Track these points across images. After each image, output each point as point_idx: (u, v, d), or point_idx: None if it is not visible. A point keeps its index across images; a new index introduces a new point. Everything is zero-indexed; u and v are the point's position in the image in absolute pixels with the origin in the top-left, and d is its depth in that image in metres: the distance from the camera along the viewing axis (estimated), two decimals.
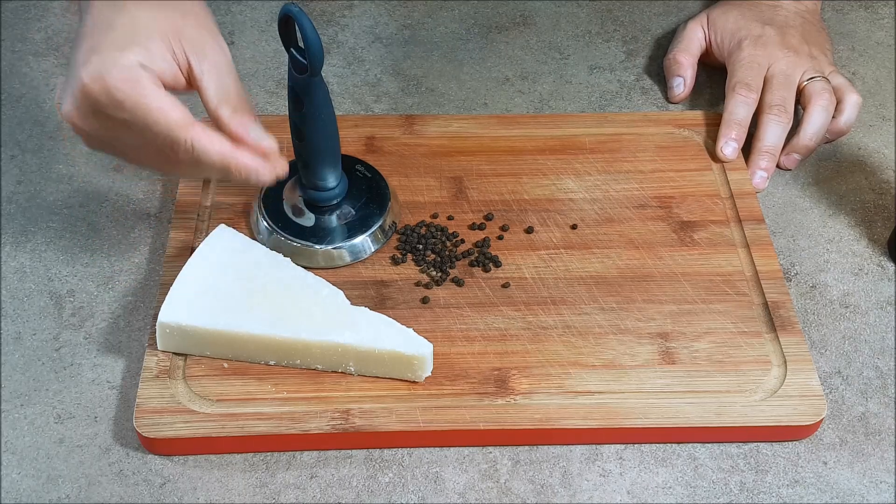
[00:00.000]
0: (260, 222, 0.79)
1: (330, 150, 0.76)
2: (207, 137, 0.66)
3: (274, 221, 0.78)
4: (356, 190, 0.80)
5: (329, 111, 0.73)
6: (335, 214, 0.79)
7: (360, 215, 0.79)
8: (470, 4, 1.05)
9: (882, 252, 0.82)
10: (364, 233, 0.78)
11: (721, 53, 0.93)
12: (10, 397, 0.72)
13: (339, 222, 0.78)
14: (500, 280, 0.77)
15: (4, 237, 0.82)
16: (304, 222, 0.78)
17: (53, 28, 1.01)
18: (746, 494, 0.67)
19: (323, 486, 0.67)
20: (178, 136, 0.65)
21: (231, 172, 0.67)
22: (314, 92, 0.71)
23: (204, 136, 0.66)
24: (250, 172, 0.68)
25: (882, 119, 0.93)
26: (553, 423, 0.68)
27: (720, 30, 0.94)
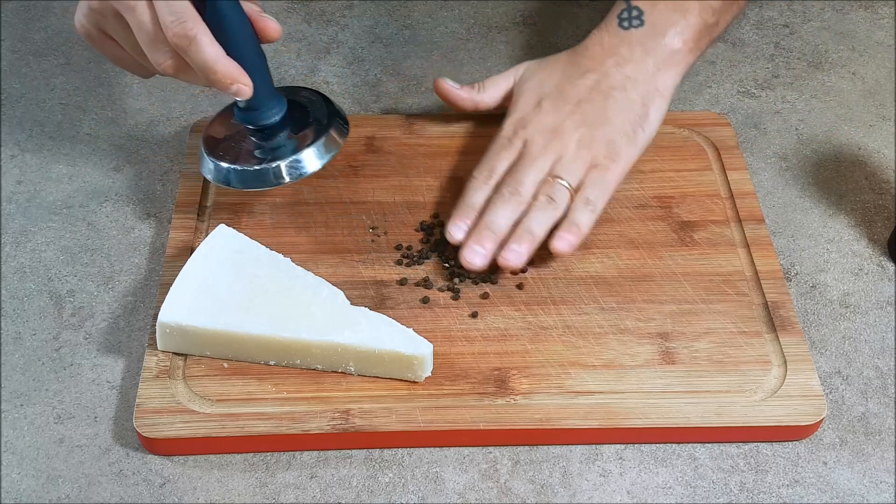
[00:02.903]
0: (205, 159, 0.78)
1: (255, 62, 0.73)
2: (209, 36, 0.68)
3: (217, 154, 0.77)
4: (299, 113, 0.78)
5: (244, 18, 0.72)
6: (277, 136, 0.77)
7: (305, 133, 0.77)
8: (470, 4, 1.05)
9: (882, 252, 0.82)
10: (309, 146, 0.76)
11: None
12: (10, 397, 0.72)
13: (281, 140, 0.77)
14: (501, 280, 0.77)
15: (4, 237, 0.82)
16: (248, 147, 0.77)
17: (54, 28, 1.02)
18: (746, 494, 0.67)
19: (323, 486, 0.67)
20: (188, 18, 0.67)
21: (217, 75, 0.69)
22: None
23: (207, 32, 0.68)
24: (235, 79, 0.70)
25: (882, 119, 0.93)
26: (553, 423, 0.69)
27: (517, 91, 0.85)
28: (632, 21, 0.83)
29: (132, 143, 0.90)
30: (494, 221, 0.76)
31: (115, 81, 0.96)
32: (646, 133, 0.81)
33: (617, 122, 0.80)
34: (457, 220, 0.77)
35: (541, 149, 0.79)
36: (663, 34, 0.82)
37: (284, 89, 0.79)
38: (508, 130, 0.81)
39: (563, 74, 0.83)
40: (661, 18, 0.82)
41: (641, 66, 0.82)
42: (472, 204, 0.78)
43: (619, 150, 0.79)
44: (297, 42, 1.01)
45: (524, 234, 0.75)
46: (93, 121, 0.92)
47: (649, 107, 0.81)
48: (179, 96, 0.94)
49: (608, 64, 0.82)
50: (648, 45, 0.82)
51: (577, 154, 0.78)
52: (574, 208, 0.77)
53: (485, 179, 0.79)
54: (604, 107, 0.80)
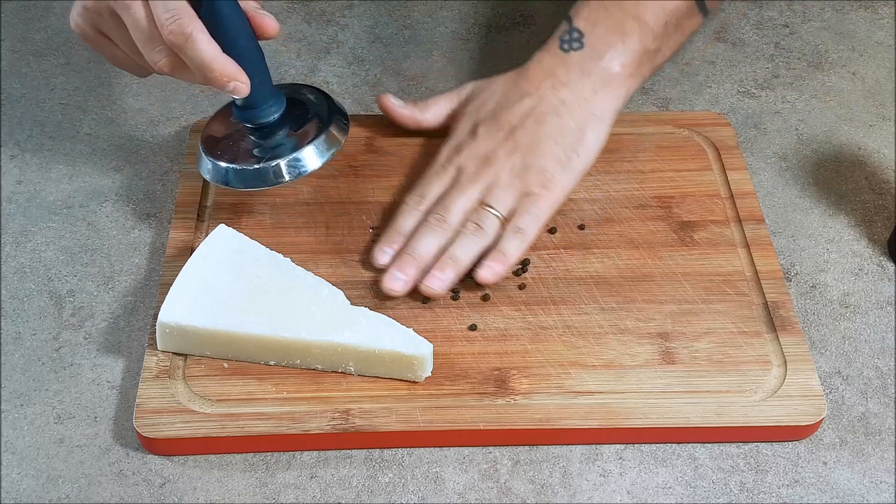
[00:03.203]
0: (204, 159, 0.77)
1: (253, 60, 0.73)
2: (206, 34, 0.68)
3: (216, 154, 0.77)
4: (299, 111, 0.78)
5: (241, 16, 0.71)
6: (277, 134, 0.77)
7: (304, 130, 0.77)
8: (470, 4, 1.05)
9: (882, 252, 0.82)
10: (308, 144, 0.76)
11: None
12: (10, 397, 0.72)
13: (280, 138, 0.76)
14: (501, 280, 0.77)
15: (4, 237, 0.82)
16: (247, 146, 0.77)
17: (54, 28, 1.02)
18: (746, 494, 0.67)
19: (323, 486, 0.67)
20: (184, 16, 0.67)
21: (213, 73, 0.69)
22: None
23: (203, 30, 0.68)
24: (232, 76, 0.70)
25: (882, 119, 0.93)
26: (553, 423, 0.69)
27: (458, 113, 0.84)
28: (572, 43, 0.82)
29: (132, 143, 0.90)
30: (418, 248, 0.75)
31: (115, 81, 0.96)
32: (581, 159, 0.80)
33: (550, 149, 0.79)
34: (383, 245, 0.77)
35: (472, 176, 0.78)
36: (601, 57, 0.81)
37: (284, 86, 0.78)
38: (443, 157, 0.81)
39: (501, 98, 0.82)
40: (600, 41, 0.81)
41: (578, 89, 0.81)
42: (400, 229, 0.77)
43: (553, 177, 0.78)
44: (297, 42, 1.01)
45: (448, 261, 0.74)
46: (93, 121, 0.92)
47: (585, 132, 0.80)
48: (179, 96, 0.94)
49: (545, 87, 0.81)
50: (586, 67, 0.81)
51: (508, 182, 0.78)
52: (503, 236, 0.76)
53: (415, 205, 0.78)
54: (537, 133, 0.79)
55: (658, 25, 0.82)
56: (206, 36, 0.68)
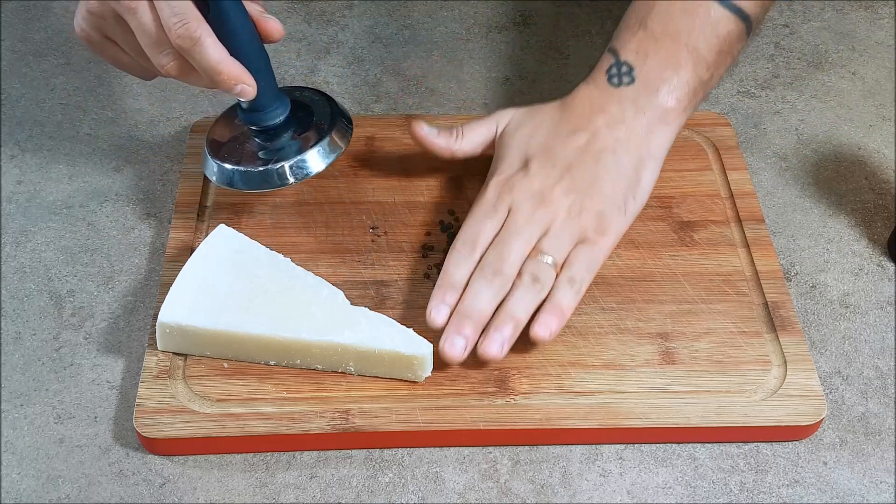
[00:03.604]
0: (209, 161, 0.78)
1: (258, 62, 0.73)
2: (213, 37, 0.68)
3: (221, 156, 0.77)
4: (303, 113, 0.78)
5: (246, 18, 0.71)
6: (281, 136, 0.77)
7: (309, 133, 0.77)
8: (470, 4, 1.05)
9: (882, 252, 0.82)
10: (313, 147, 0.76)
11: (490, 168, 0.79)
12: (10, 397, 0.72)
13: (285, 141, 0.77)
14: None
15: (4, 237, 0.82)
16: (252, 148, 0.77)
17: (54, 28, 1.02)
18: (746, 494, 0.67)
19: (323, 486, 0.67)
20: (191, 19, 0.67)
21: (221, 75, 0.69)
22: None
23: (210, 33, 0.68)
24: (239, 79, 0.69)
25: (882, 119, 0.93)
26: (553, 423, 0.69)
27: (501, 143, 0.79)
28: (622, 77, 0.77)
29: (132, 143, 0.90)
30: (475, 307, 0.70)
31: (115, 81, 0.96)
32: (636, 202, 0.76)
33: (608, 192, 0.75)
34: (438, 301, 0.71)
35: (527, 218, 0.73)
36: (656, 92, 0.76)
37: (288, 89, 0.78)
38: (492, 194, 0.75)
39: (551, 131, 0.77)
40: (652, 75, 0.77)
41: (633, 126, 0.76)
42: (454, 282, 0.72)
43: (610, 222, 0.74)
44: (297, 42, 1.01)
45: (507, 319, 0.70)
46: (93, 121, 0.92)
47: (641, 172, 0.76)
48: (179, 96, 0.94)
49: (598, 123, 0.76)
50: (640, 103, 0.76)
51: (564, 226, 0.73)
52: (557, 287, 0.72)
53: (468, 252, 0.73)
54: (594, 173, 0.75)
55: (711, 54, 0.77)
56: (214, 39, 0.68)
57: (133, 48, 0.72)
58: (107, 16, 0.71)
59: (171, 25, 0.67)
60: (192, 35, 0.67)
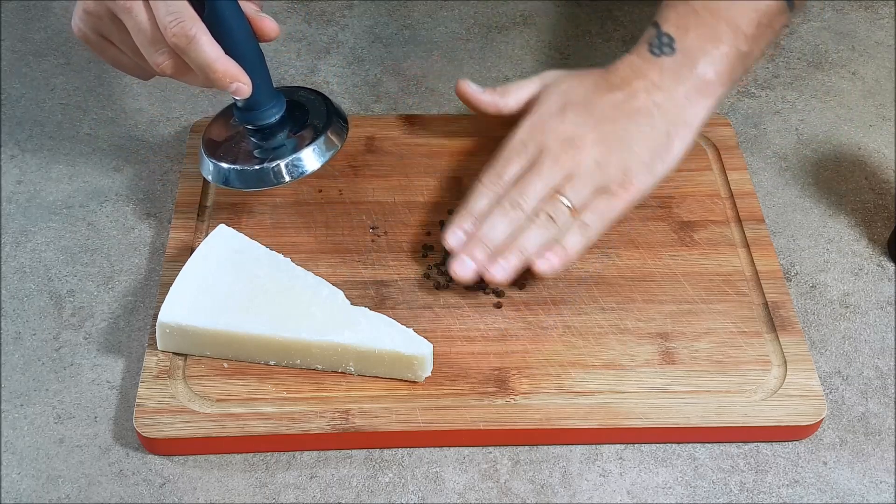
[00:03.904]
0: (205, 160, 0.78)
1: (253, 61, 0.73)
2: (208, 35, 0.68)
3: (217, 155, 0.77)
4: (298, 113, 0.78)
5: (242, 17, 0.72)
6: (277, 135, 0.77)
7: (304, 132, 0.77)
8: (470, 4, 1.05)
9: (882, 252, 0.82)
10: (308, 146, 0.76)
11: None
12: (10, 397, 0.72)
13: (281, 140, 0.77)
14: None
15: (4, 237, 0.82)
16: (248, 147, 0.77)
17: (53, 28, 1.02)
18: (746, 494, 0.67)
19: (323, 486, 0.67)
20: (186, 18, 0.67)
21: (216, 73, 0.69)
22: None
23: (205, 32, 0.68)
24: (235, 77, 0.70)
25: (882, 119, 0.93)
26: (553, 423, 0.69)
27: (542, 96, 0.81)
28: (662, 48, 0.79)
29: (132, 143, 0.90)
30: (489, 234, 0.74)
31: (115, 81, 0.96)
32: (665, 164, 0.77)
33: (637, 149, 0.77)
34: (455, 226, 0.75)
35: (554, 158, 0.76)
36: (695, 64, 0.78)
37: (284, 89, 0.79)
38: (524, 133, 0.78)
39: (592, 87, 0.80)
40: (693, 47, 0.79)
41: (672, 94, 0.78)
42: (473, 211, 0.75)
43: (634, 178, 0.76)
44: (297, 42, 1.01)
45: (515, 250, 0.73)
46: (93, 121, 0.92)
47: (674, 138, 0.78)
48: (179, 96, 0.94)
49: (637, 86, 0.79)
50: (680, 73, 0.78)
51: (589, 174, 0.75)
52: (569, 230, 0.74)
53: (492, 185, 0.76)
54: (627, 129, 0.77)
55: (750, 28, 0.79)
56: (209, 38, 0.69)
57: (129, 47, 0.72)
58: (103, 16, 0.71)
59: (167, 24, 0.68)
60: (187, 33, 0.67)
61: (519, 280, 0.77)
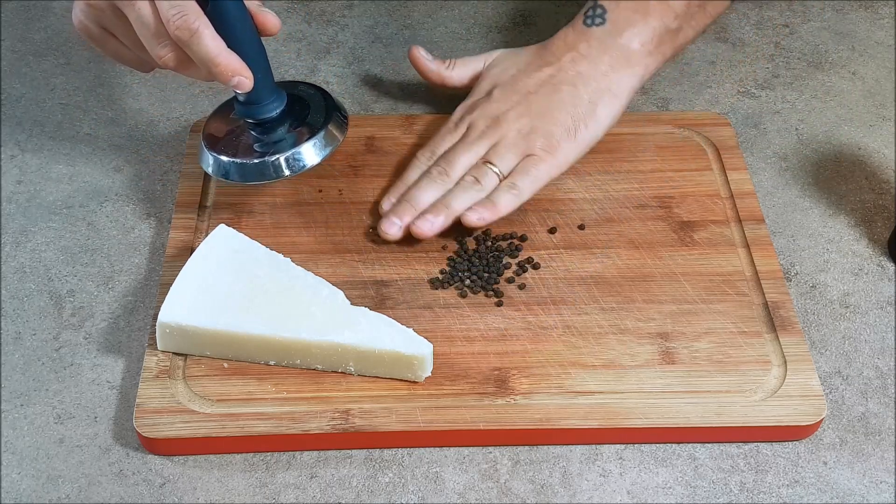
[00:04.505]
0: (205, 153, 0.78)
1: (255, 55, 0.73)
2: (211, 29, 0.69)
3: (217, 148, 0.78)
4: (299, 107, 0.79)
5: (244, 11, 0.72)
6: (277, 130, 0.78)
7: (304, 126, 0.78)
8: (470, 4, 1.05)
9: (882, 252, 0.82)
10: (308, 140, 0.77)
11: None
12: (10, 397, 0.72)
13: (281, 134, 0.77)
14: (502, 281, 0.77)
15: (4, 237, 0.82)
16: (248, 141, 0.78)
17: (54, 28, 1.02)
18: (746, 494, 0.67)
19: (323, 486, 0.67)
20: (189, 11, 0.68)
21: (219, 67, 0.69)
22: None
23: (208, 25, 0.69)
24: (237, 71, 0.70)
25: (882, 119, 0.93)
26: (553, 423, 0.68)
27: (481, 76, 0.87)
28: (595, 19, 0.84)
29: (132, 143, 0.90)
30: (417, 196, 0.78)
31: (115, 81, 0.96)
32: (590, 131, 0.82)
33: (559, 117, 0.81)
34: (389, 195, 0.80)
35: (480, 134, 0.81)
36: (621, 34, 0.83)
37: (284, 84, 0.79)
38: (457, 115, 0.84)
39: (523, 66, 0.85)
40: (621, 18, 0.84)
41: (596, 63, 0.83)
42: (406, 181, 0.80)
43: (558, 143, 0.80)
44: (297, 42, 1.01)
45: (441, 207, 0.77)
46: (93, 121, 0.92)
47: (597, 105, 0.82)
48: (179, 96, 0.94)
49: (565, 59, 0.83)
50: (606, 43, 0.83)
51: (513, 142, 0.80)
52: (497, 190, 0.78)
53: (425, 160, 0.81)
54: (550, 100, 0.82)
55: (680, 6, 0.84)
56: (212, 31, 0.69)
57: (131, 40, 0.72)
58: (105, 8, 0.71)
59: (170, 17, 0.68)
60: (189, 27, 0.68)
61: (519, 281, 0.77)
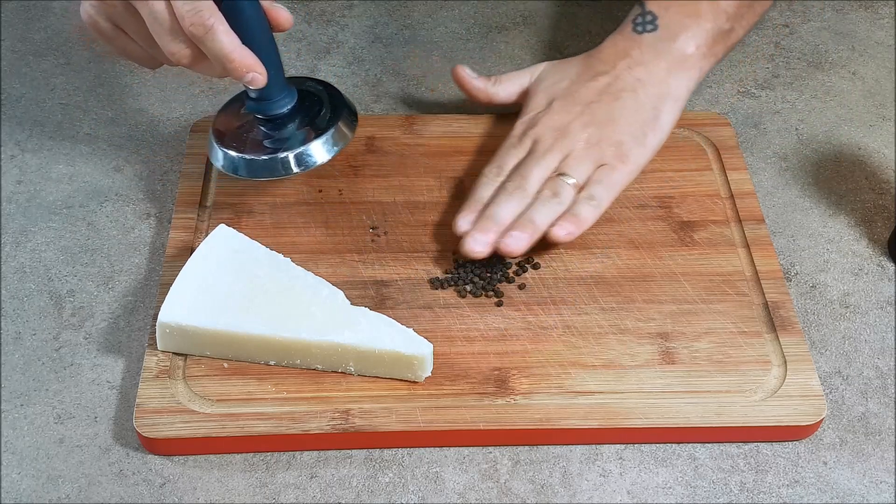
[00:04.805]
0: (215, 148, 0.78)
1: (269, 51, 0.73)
2: (226, 25, 0.69)
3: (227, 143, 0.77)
4: (309, 104, 0.79)
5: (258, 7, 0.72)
6: (287, 126, 0.78)
7: (314, 124, 0.78)
8: (470, 4, 1.05)
9: (882, 252, 0.82)
10: (318, 138, 0.77)
11: None
12: (10, 397, 0.72)
13: (291, 131, 0.77)
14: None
15: (4, 237, 0.82)
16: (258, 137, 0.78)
17: (53, 28, 1.01)
18: (746, 494, 0.67)
19: (323, 486, 0.67)
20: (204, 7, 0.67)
21: (233, 63, 0.69)
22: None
23: (223, 21, 0.68)
24: (251, 67, 0.70)
25: (882, 119, 0.93)
26: (553, 423, 0.69)
27: (531, 90, 0.86)
28: (646, 26, 0.84)
29: (132, 143, 0.90)
30: (497, 213, 0.76)
31: (115, 81, 0.96)
32: (656, 136, 0.82)
33: (625, 124, 0.81)
34: (464, 213, 0.77)
35: (548, 147, 0.79)
36: (675, 38, 0.83)
37: (294, 79, 0.79)
38: (518, 130, 0.82)
39: (575, 76, 0.84)
40: (673, 22, 0.84)
41: (653, 68, 0.83)
42: (479, 198, 0.78)
43: (628, 150, 0.80)
44: (297, 42, 1.01)
45: (526, 222, 0.76)
46: (93, 121, 0.92)
47: (660, 109, 0.82)
48: (179, 96, 0.94)
49: (620, 66, 0.83)
50: (660, 48, 0.83)
51: (584, 153, 0.79)
52: (577, 202, 0.77)
53: (494, 176, 0.79)
54: (612, 108, 0.81)
55: (731, 6, 0.84)
56: (226, 27, 0.69)
57: (143, 36, 0.72)
58: (117, 4, 0.71)
59: (184, 13, 0.68)
60: (205, 23, 0.68)
61: (519, 281, 0.77)
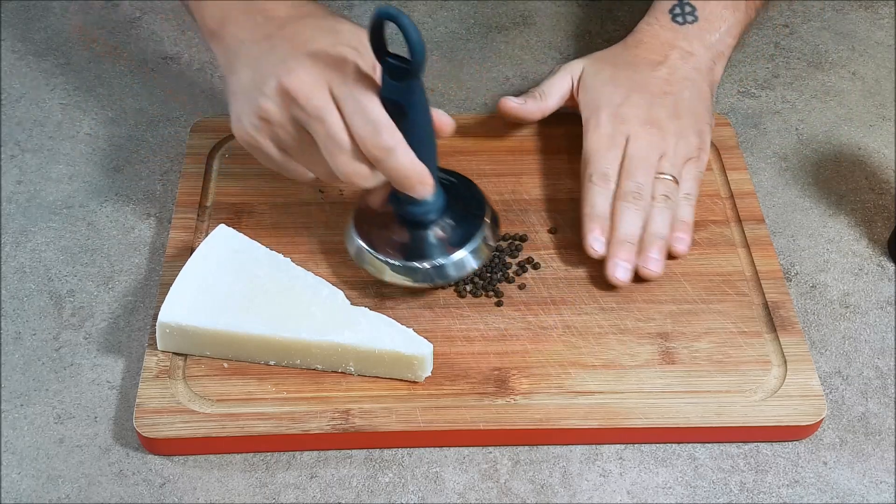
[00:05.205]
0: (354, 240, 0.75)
1: (432, 158, 0.71)
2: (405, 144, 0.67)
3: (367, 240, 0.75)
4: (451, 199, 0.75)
5: (430, 114, 0.69)
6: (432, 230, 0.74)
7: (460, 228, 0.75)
8: (470, 4, 1.05)
9: (882, 252, 0.82)
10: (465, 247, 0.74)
11: (582, 112, 0.83)
12: (10, 397, 0.72)
13: (437, 238, 0.74)
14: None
15: (4, 237, 0.82)
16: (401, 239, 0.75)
17: (54, 28, 1.02)
18: (746, 494, 0.67)
19: (323, 486, 0.67)
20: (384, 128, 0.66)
21: (410, 180, 0.68)
22: (417, 95, 0.66)
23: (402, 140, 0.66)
24: (423, 181, 0.69)
25: (882, 119, 0.93)
26: (553, 423, 0.69)
27: (586, 88, 0.84)
28: (685, 17, 0.85)
29: (132, 143, 0.90)
30: (627, 231, 0.76)
31: (115, 81, 0.96)
32: (712, 124, 0.84)
33: (700, 113, 0.82)
34: (593, 233, 0.76)
35: (646, 145, 0.79)
36: (717, 30, 0.85)
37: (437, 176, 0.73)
38: (607, 126, 0.80)
39: (630, 68, 0.84)
40: (713, 14, 0.85)
41: (701, 58, 0.84)
42: (601, 213, 0.77)
43: (706, 140, 0.82)
44: None
45: (655, 239, 0.76)
46: (93, 121, 0.92)
47: (711, 99, 0.84)
48: (179, 96, 0.94)
49: (673, 57, 0.84)
50: (703, 38, 0.85)
51: (678, 148, 0.80)
52: (679, 204, 0.79)
53: (605, 184, 0.78)
54: (683, 98, 0.82)
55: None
56: (405, 145, 0.66)
57: (310, 157, 0.69)
58: (286, 124, 0.67)
59: (366, 135, 0.65)
60: (387, 145, 0.65)
61: (519, 281, 0.77)
